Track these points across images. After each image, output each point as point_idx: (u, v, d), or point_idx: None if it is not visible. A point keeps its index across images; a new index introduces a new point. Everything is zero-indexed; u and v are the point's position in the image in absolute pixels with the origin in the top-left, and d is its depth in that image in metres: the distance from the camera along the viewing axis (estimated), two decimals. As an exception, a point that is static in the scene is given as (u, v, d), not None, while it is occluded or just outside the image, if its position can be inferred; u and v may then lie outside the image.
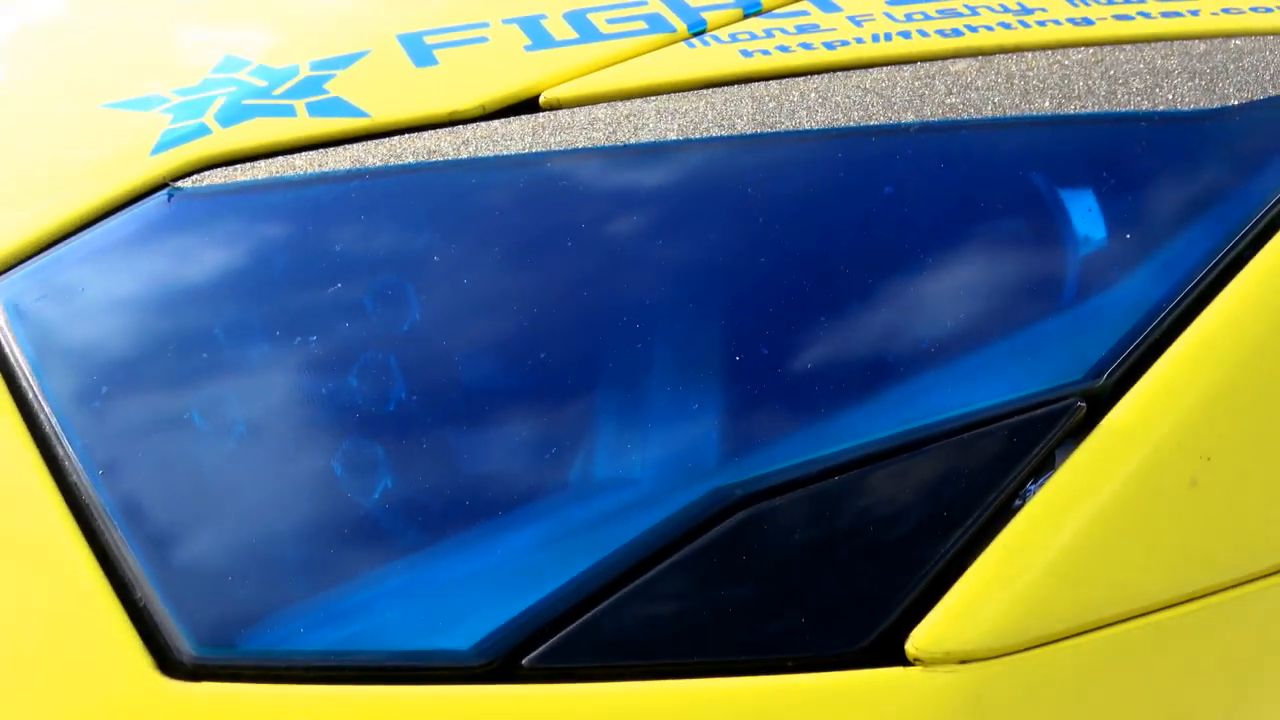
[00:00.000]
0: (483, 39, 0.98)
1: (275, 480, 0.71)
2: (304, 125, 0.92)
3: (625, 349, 0.74)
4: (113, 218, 0.86)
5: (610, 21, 0.98)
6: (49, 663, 0.64)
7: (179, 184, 0.88)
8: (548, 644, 0.65)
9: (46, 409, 0.75)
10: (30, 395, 0.76)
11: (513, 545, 0.68)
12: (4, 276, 0.83)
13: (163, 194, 0.87)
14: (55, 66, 1.08)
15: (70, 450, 0.73)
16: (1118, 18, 0.95)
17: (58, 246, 0.85)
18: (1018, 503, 0.68)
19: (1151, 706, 0.66)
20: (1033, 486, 0.69)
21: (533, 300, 0.78)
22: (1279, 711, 0.69)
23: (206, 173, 0.89)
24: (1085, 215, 0.80)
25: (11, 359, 0.78)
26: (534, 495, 0.70)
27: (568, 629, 0.65)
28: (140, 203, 0.87)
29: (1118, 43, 0.92)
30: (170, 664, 0.64)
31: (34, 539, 0.69)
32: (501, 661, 0.64)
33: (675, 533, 0.67)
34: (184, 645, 0.65)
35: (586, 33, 0.97)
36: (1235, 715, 0.67)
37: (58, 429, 0.74)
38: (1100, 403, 0.71)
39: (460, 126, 0.90)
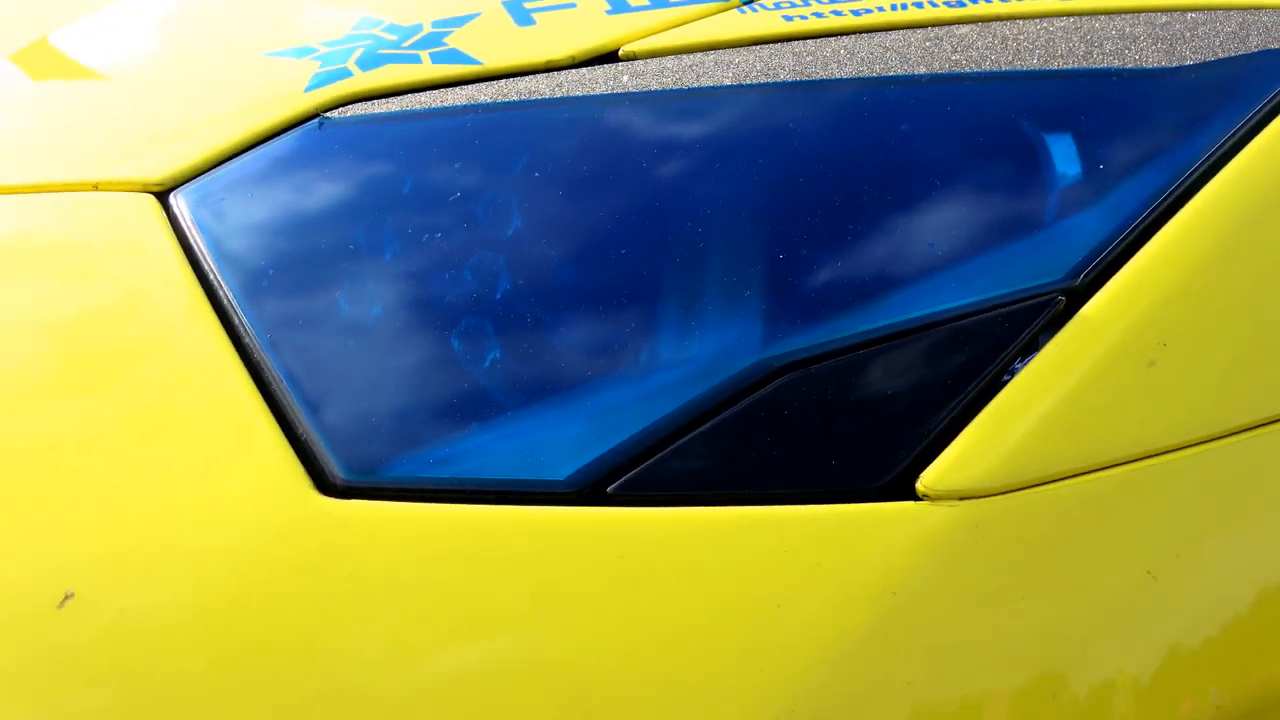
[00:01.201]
0: (571, 4, 0.97)
1: (407, 348, 0.71)
2: (428, 70, 0.91)
3: (690, 251, 0.73)
4: (275, 140, 0.86)
5: (675, -8, 0.96)
6: (231, 486, 0.64)
7: (328, 115, 0.87)
8: (625, 477, 0.64)
9: (224, 287, 0.75)
10: (211, 277, 0.76)
11: (598, 403, 0.68)
12: (190, 183, 0.83)
13: (314, 123, 0.87)
14: (226, 25, 1.08)
15: (244, 320, 0.72)
16: (1094, -6, 0.92)
17: (232, 161, 0.85)
18: (1007, 377, 0.67)
19: (1113, 543, 0.65)
20: (1019, 364, 0.68)
21: (612, 209, 0.77)
22: (1221, 553, 0.67)
23: (349, 106, 0.88)
24: (1066, 150, 0.78)
25: (195, 248, 0.78)
26: (615, 364, 0.69)
27: (640, 466, 0.65)
28: (296, 129, 0.87)
29: (1094, 14, 0.90)
30: (325, 485, 0.64)
31: (216, 391, 0.69)
32: (589, 489, 0.64)
33: (728, 392, 0.67)
34: (336, 471, 0.65)
35: (657, 1, 0.96)
36: (1186, 554, 0.66)
37: (234, 303, 0.74)
38: (1077, 298, 0.69)
39: (554, 73, 0.89)
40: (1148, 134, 0.78)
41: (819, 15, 0.92)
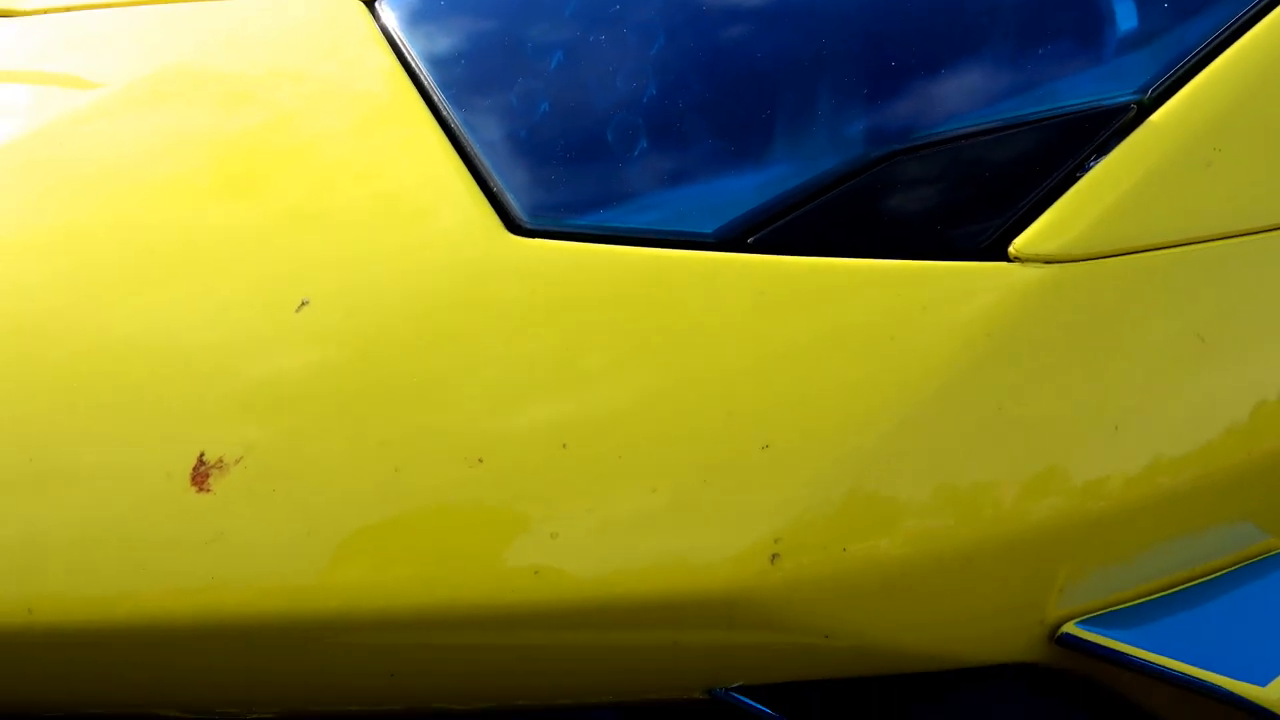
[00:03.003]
0: None
1: (585, 116, 0.81)
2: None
3: (822, 56, 0.82)
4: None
5: None
6: (438, 226, 0.74)
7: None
8: (762, 231, 0.74)
9: (425, 75, 0.84)
10: (403, 52, 0.85)
11: (742, 174, 0.78)
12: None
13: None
14: None
15: (442, 98, 0.82)
16: None
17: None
18: (1084, 169, 0.77)
19: (1168, 308, 0.75)
20: (1094, 161, 0.77)
21: (749, 29, 0.85)
22: (1265, 325, 0.77)
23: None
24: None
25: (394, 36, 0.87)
26: (755, 144, 0.78)
27: (776, 224, 0.74)
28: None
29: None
30: (512, 226, 0.75)
31: (423, 159, 0.78)
32: (732, 239, 0.74)
33: (852, 170, 0.76)
34: (521, 215, 0.75)
35: None
36: (1233, 321, 0.75)
37: (431, 84, 0.83)
38: (1146, 108, 0.78)
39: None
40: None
41: None
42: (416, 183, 0.76)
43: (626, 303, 0.71)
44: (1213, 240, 0.77)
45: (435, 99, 0.82)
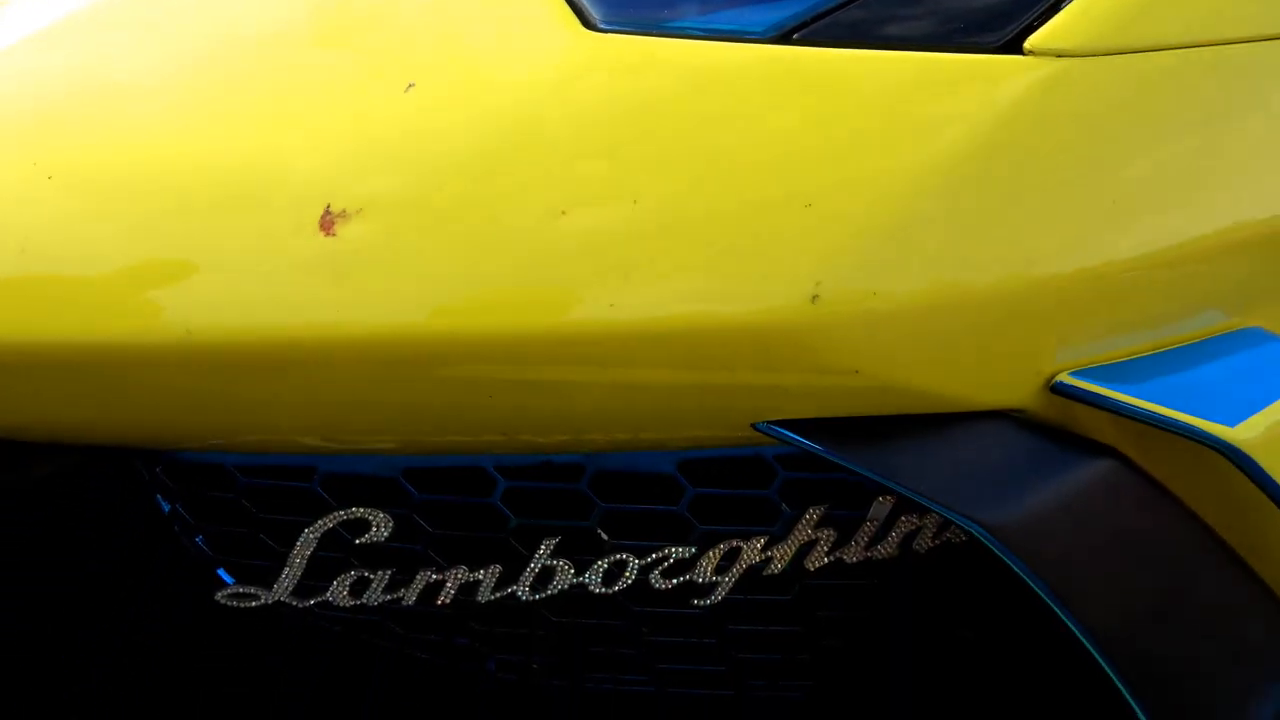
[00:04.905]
0: None
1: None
2: None
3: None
4: None
5: None
6: (517, 27, 0.82)
7: None
8: (806, 30, 0.81)
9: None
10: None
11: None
12: None
13: None
14: None
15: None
16: None
17: None
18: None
19: (1180, 111, 0.82)
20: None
21: None
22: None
23: None
24: None
25: None
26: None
27: (817, 22, 0.81)
28: None
29: None
30: (587, 25, 0.82)
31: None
32: (781, 36, 0.81)
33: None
34: (596, 17, 0.82)
35: None
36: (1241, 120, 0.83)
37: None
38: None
39: None
40: None
41: None
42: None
43: (690, 91, 0.79)
44: (1222, 44, 0.83)
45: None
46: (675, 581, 0.98)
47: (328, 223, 0.73)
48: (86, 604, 1.09)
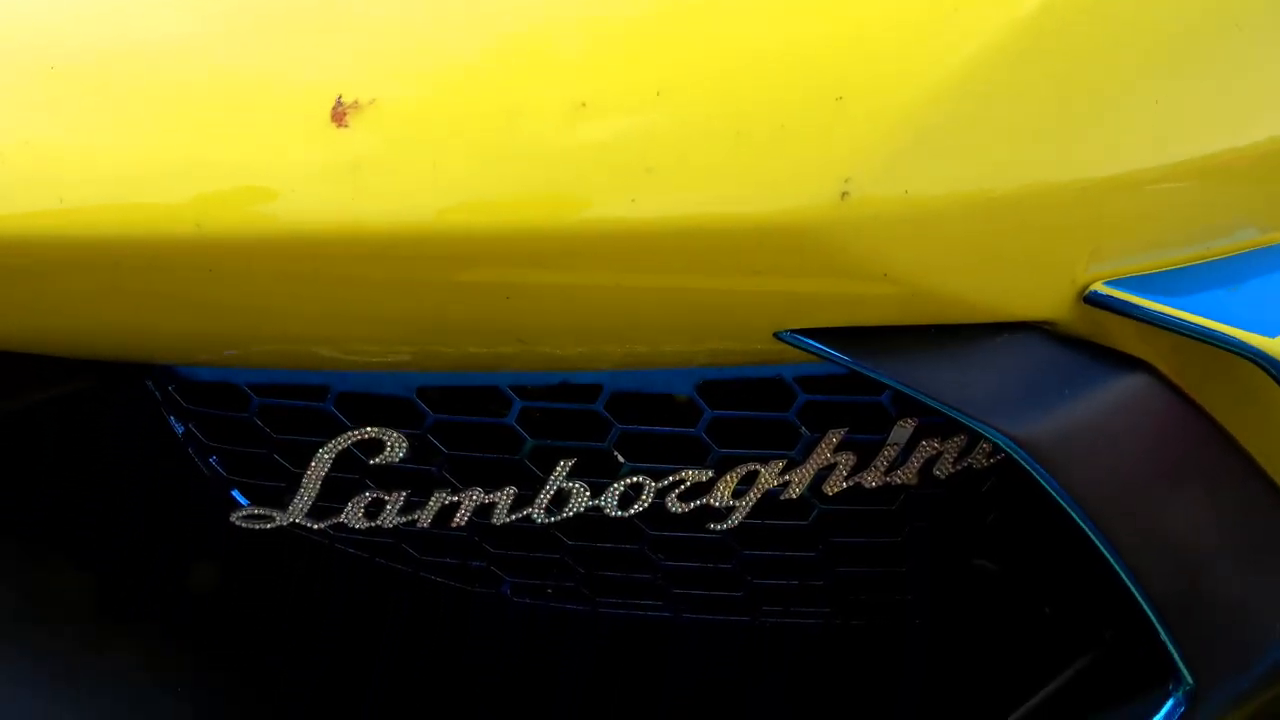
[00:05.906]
0: None
1: None
2: None
3: None
4: None
5: None
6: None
7: None
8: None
9: None
10: None
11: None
12: None
13: None
14: None
15: None
16: None
17: None
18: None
19: (1230, 15, 0.77)
20: None
21: None
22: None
23: None
24: None
25: None
26: None
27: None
28: None
29: None
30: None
31: None
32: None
33: None
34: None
35: None
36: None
37: None
38: None
39: None
40: None
41: None
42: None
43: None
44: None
45: None
46: (692, 505, 0.95)
47: (339, 114, 0.69)
48: (103, 532, 1.07)
